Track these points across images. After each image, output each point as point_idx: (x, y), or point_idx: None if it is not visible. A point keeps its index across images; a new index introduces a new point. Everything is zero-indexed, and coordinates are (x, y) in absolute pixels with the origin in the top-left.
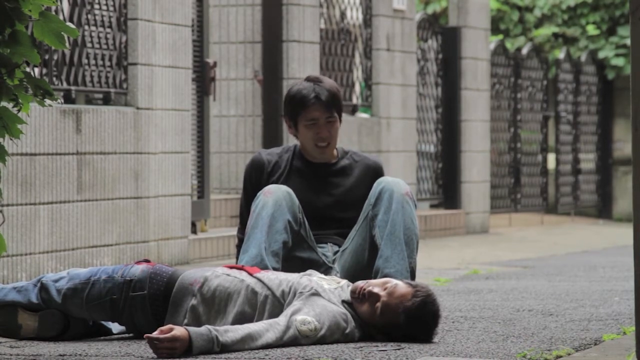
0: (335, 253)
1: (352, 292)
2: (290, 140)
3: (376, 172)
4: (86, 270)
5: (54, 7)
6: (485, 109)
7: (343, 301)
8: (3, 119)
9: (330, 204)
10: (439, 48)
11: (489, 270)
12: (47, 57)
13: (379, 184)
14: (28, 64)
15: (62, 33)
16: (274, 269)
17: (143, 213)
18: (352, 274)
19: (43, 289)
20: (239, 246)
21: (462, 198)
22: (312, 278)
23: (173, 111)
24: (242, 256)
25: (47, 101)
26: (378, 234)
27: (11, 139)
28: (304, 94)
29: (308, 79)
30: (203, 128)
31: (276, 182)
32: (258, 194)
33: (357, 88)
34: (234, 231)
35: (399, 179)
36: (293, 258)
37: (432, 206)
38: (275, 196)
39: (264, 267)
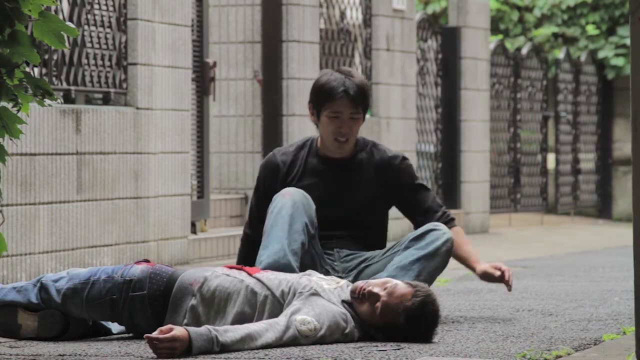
0: (343, 257)
1: (352, 292)
2: (289, 140)
3: (392, 167)
4: (86, 270)
5: (53, 7)
6: (485, 109)
7: (343, 301)
8: (3, 119)
9: (342, 204)
10: (439, 48)
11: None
12: (46, 57)
13: (435, 226)
14: (28, 64)
15: (62, 33)
16: (295, 267)
17: (143, 213)
18: None
19: (43, 289)
20: (244, 240)
21: (461, 198)
22: (312, 278)
23: (173, 111)
24: (262, 251)
25: (47, 101)
26: (402, 257)
27: (11, 139)
28: (332, 86)
29: (340, 71)
30: (203, 128)
31: (292, 182)
32: (275, 195)
33: None
34: (233, 231)
35: (450, 232)
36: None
37: None
38: (294, 198)
39: (286, 263)
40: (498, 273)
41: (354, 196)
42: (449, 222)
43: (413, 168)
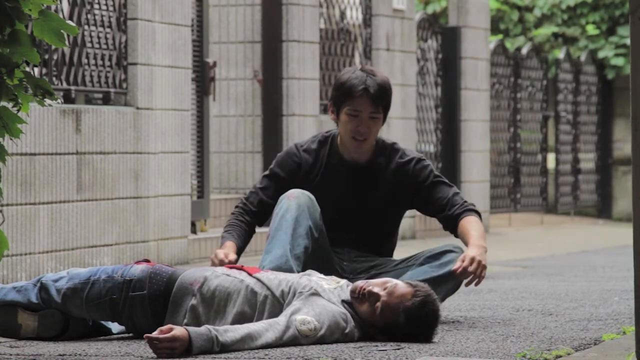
0: (354, 258)
1: (352, 292)
2: (289, 140)
3: (406, 171)
4: (86, 270)
5: (53, 7)
6: (485, 109)
7: (343, 301)
8: (3, 119)
9: (356, 209)
10: (439, 48)
11: (488, 270)
12: (47, 57)
13: (453, 247)
14: (28, 64)
15: (62, 31)
16: (296, 272)
17: (143, 213)
18: None
19: (43, 288)
20: (236, 210)
21: None
22: (312, 278)
23: (173, 111)
24: (265, 256)
25: (47, 101)
26: (415, 274)
27: (11, 139)
28: (353, 83)
29: (363, 69)
30: (203, 128)
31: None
32: (281, 197)
33: None
34: None
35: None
36: (307, 264)
37: None
38: (299, 201)
39: (288, 268)
40: (457, 265)
41: (370, 202)
42: (467, 211)
43: (429, 167)
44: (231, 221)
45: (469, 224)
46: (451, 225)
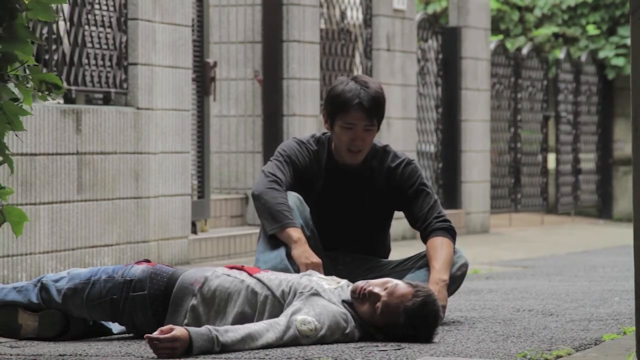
0: (349, 262)
1: (353, 292)
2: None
3: (395, 174)
4: (86, 270)
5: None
6: (485, 109)
7: (343, 301)
8: (7, 115)
9: (351, 213)
10: (439, 48)
11: (489, 270)
12: (47, 56)
13: (459, 257)
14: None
15: (51, 5)
16: (293, 270)
17: (143, 213)
18: None
19: (43, 288)
20: (276, 185)
21: (462, 198)
22: (312, 278)
23: (173, 111)
24: (259, 256)
25: (52, 95)
26: (415, 277)
27: (16, 135)
28: (347, 97)
29: (356, 80)
30: (203, 128)
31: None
32: None
33: None
34: (234, 231)
35: (465, 257)
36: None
37: None
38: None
39: (284, 267)
40: None
41: (365, 205)
42: (436, 230)
43: (417, 172)
44: (281, 199)
45: (434, 249)
46: (422, 240)
